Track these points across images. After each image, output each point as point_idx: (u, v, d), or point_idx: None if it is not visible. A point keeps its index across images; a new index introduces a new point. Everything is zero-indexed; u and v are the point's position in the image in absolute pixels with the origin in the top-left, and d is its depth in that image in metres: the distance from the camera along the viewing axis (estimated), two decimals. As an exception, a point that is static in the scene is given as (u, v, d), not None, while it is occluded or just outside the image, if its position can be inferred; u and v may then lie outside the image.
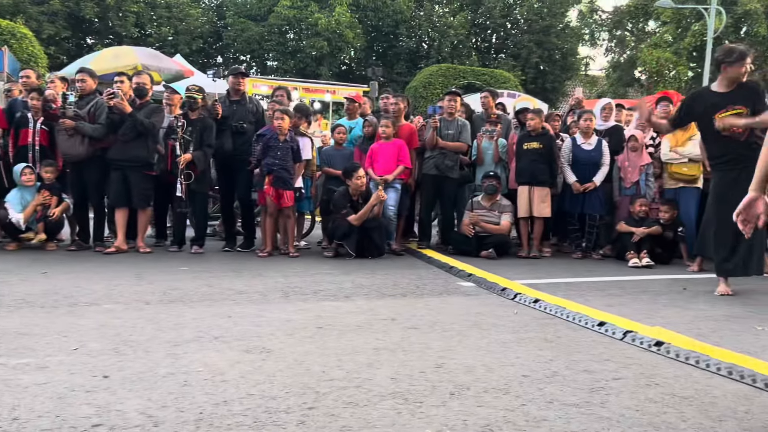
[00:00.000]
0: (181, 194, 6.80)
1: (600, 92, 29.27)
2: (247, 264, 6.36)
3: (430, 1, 26.37)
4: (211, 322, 3.95)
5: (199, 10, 24.60)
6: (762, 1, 22.78)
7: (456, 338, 3.71)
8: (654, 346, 3.61)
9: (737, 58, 5.21)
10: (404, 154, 7.20)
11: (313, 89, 15.72)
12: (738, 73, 5.24)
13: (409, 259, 7.09)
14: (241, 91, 7.23)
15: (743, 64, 5.20)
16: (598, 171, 7.17)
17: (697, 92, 5.73)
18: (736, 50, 5.28)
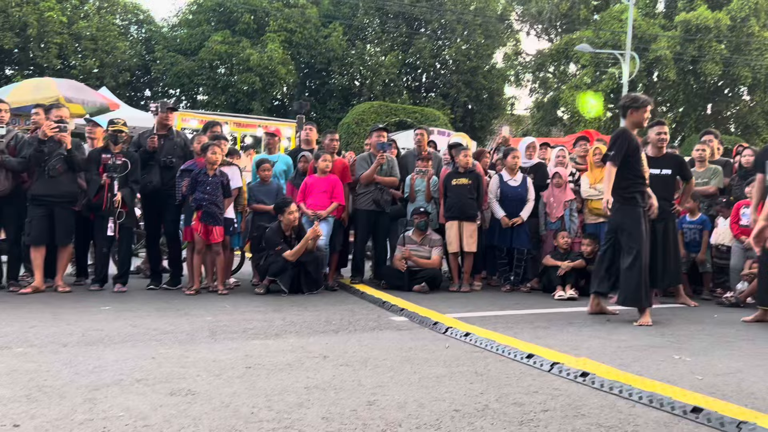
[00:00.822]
0: (114, 233, 6.56)
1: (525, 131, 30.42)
2: (173, 302, 6.15)
3: (362, 40, 26.86)
4: (133, 363, 3.78)
5: (127, 43, 24.12)
6: (671, 48, 24.40)
7: (388, 374, 3.69)
8: (580, 377, 3.71)
9: (641, 104, 5.69)
10: (338, 191, 7.21)
11: (244, 124, 15.60)
12: (641, 118, 5.73)
13: (342, 294, 7.05)
14: (168, 126, 7.09)
15: (646, 110, 5.70)
16: (524, 206, 7.39)
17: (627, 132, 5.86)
18: (641, 97, 5.80)
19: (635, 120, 5.76)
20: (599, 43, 25.04)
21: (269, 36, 23.99)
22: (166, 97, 25.50)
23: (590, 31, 26.07)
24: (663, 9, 27.75)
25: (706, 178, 7.49)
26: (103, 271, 6.83)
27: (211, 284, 6.92)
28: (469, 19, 27.23)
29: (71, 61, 22.49)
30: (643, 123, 5.81)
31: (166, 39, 25.25)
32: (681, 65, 24.83)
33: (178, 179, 6.78)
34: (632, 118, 5.77)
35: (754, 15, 24.08)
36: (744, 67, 24.50)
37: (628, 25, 20.95)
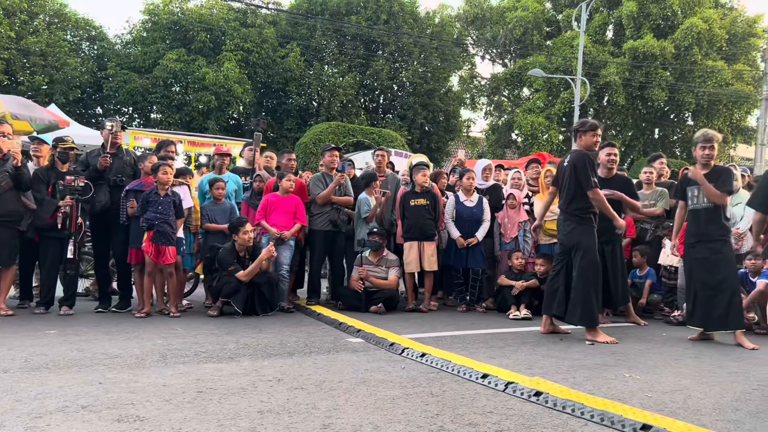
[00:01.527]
0: (74, 255, 6.36)
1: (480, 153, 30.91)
2: (123, 325, 5.97)
3: (320, 61, 26.94)
4: (79, 389, 3.65)
5: (78, 59, 23.61)
6: (620, 74, 25.26)
7: (343, 397, 3.65)
8: (534, 396, 3.74)
9: (589, 128, 5.91)
10: (301, 211, 7.18)
11: (198, 143, 15.41)
12: (591, 142, 5.94)
13: (298, 316, 6.97)
14: (117, 144, 6.93)
15: (595, 134, 5.91)
16: (480, 227, 7.48)
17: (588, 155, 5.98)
18: (589, 122, 6.02)
19: (585, 144, 5.96)
20: (551, 68, 25.74)
21: (226, 55, 23.84)
22: (119, 114, 24.98)
23: (543, 56, 26.79)
24: (612, 36, 28.72)
25: (653, 200, 7.72)
26: (49, 294, 6.60)
27: (163, 307, 6.76)
28: (425, 43, 27.64)
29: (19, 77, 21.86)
30: (593, 146, 6.00)
31: (119, 56, 24.80)
32: (629, 91, 25.69)
33: (123, 199, 6.62)
34: (581, 142, 5.98)
35: (696, 44, 25.15)
36: (688, 93, 25.51)
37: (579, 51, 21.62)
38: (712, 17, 25.65)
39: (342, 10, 26.79)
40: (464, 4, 31.02)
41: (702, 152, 5.94)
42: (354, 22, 26.24)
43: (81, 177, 6.43)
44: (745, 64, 26.49)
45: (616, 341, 5.65)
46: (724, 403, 3.74)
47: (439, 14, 30.20)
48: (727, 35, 25.97)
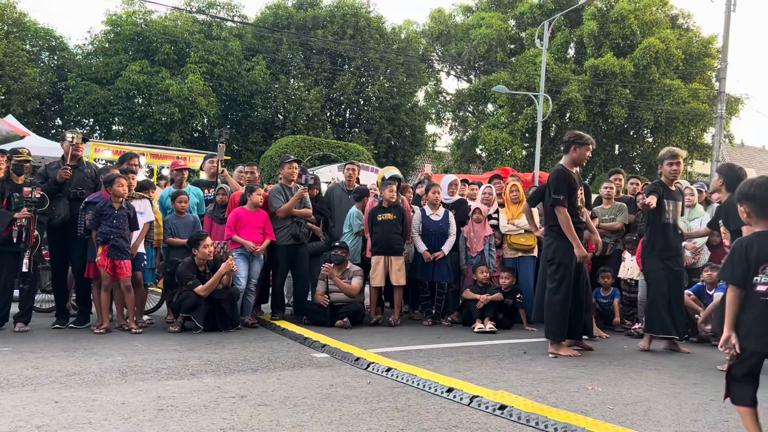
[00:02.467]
0: (28, 269, 6.17)
1: (446, 167, 31.16)
2: (81, 342, 5.81)
3: (286, 74, 26.90)
4: (33, 409, 3.53)
5: (37, 69, 23.10)
6: (581, 91, 25.83)
7: (308, 413, 3.61)
8: (498, 410, 3.76)
9: (586, 142, 5.98)
10: (269, 226, 7.11)
11: (161, 155, 15.19)
12: (584, 156, 5.99)
13: (262, 331, 6.88)
14: (78, 156, 6.78)
15: (589, 148, 5.99)
16: (446, 241, 7.52)
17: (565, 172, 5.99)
18: (586, 135, 6.09)
19: (577, 157, 5.96)
20: (515, 84, 26.18)
21: (190, 67, 23.61)
22: (79, 126, 24.47)
23: (506, 73, 27.23)
24: (573, 54, 29.39)
25: (613, 215, 7.88)
26: (3, 310, 6.38)
27: (123, 322, 6.60)
28: (391, 58, 27.86)
29: (-25, 86, 21.29)
30: (584, 161, 6.05)
31: (80, 67, 24.34)
32: (590, 107, 26.27)
33: (81, 212, 6.47)
34: (574, 154, 5.95)
35: (654, 63, 25.90)
36: (647, 110, 26.22)
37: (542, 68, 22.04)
38: (669, 37, 26.46)
39: (308, 24, 26.85)
40: (429, 20, 31.41)
41: (670, 168, 6.11)
42: (320, 36, 26.30)
43: (38, 189, 6.26)
44: (701, 83, 27.36)
45: (578, 354, 5.73)
46: (683, 414, 3.81)
47: (404, 30, 30.51)
48: (683, 55, 26.81)
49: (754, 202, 3.12)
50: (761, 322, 2.96)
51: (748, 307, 3.02)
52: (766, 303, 2.96)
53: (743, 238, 3.19)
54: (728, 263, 3.11)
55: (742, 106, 27.66)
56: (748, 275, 3.02)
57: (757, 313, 2.98)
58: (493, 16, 28.80)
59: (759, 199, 3.11)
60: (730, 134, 29.88)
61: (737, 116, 27.88)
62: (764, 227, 3.10)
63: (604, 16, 27.17)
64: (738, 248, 3.09)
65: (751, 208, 3.13)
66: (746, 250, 3.04)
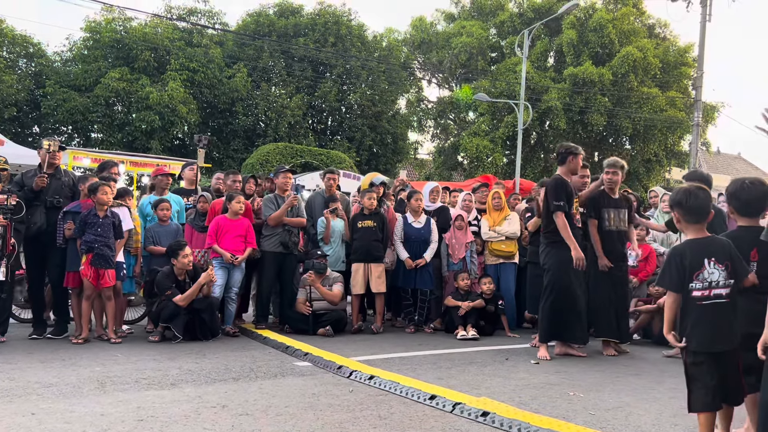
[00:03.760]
0: (5, 278, 6.06)
1: (428, 174, 31.23)
2: (59, 352, 5.72)
3: (267, 82, 26.83)
4: (9, 421, 3.47)
5: (15, 76, 22.79)
6: (561, 99, 26.09)
7: (290, 422, 3.59)
8: (481, 416, 3.77)
9: (579, 152, 6.22)
10: (251, 234, 7.07)
11: (141, 163, 15.04)
12: (578, 165, 6.21)
13: (244, 340, 6.83)
14: (56, 165, 6.70)
15: (581, 157, 6.25)
16: (428, 248, 7.54)
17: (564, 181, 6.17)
18: (577, 147, 6.32)
19: (572, 167, 6.19)
20: (496, 92, 26.36)
21: (170, 74, 23.44)
22: (57, 133, 24.15)
23: (487, 81, 27.42)
24: (553, 63, 29.69)
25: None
26: (-22, 321, 6.27)
27: (102, 332, 6.51)
28: (373, 66, 27.92)
29: (-50, 93, 20.94)
30: (578, 169, 6.27)
31: (59, 74, 24.05)
32: (570, 115, 26.53)
33: (60, 221, 6.39)
34: (571, 165, 6.18)
35: (632, 72, 26.24)
36: (625, 118, 26.54)
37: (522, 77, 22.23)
38: (647, 46, 26.83)
39: (290, 31, 26.82)
40: (411, 28, 31.55)
41: (607, 177, 6.32)
42: (302, 43, 26.30)
43: (13, 196, 6.17)
44: (678, 91, 27.75)
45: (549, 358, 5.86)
46: (663, 419, 3.85)
47: (386, 38, 30.61)
48: (660, 63, 27.19)
49: (682, 209, 3.25)
50: (703, 324, 3.11)
51: (686, 313, 3.17)
52: (702, 307, 3.12)
53: (677, 246, 3.36)
54: (666, 271, 3.25)
55: (719, 114, 28.06)
56: (684, 282, 3.15)
57: (695, 318, 3.14)
58: (474, 25, 29.00)
59: (686, 206, 3.24)
60: (707, 142, 30.32)
61: (713, 124, 28.27)
62: (694, 234, 3.24)
63: (582, 25, 27.49)
64: (673, 256, 3.24)
65: (681, 214, 3.27)
66: (680, 258, 3.19)
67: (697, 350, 3.12)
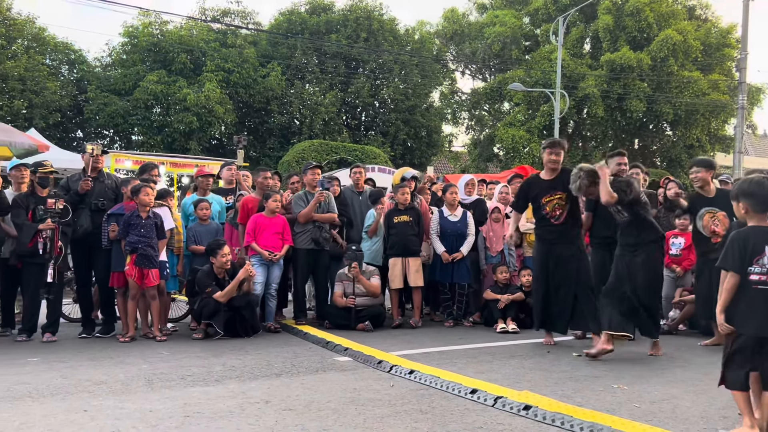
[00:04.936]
0: (53, 279, 6.28)
1: (463, 167, 31.06)
2: (107, 351, 5.89)
3: (301, 80, 27.01)
4: (63, 418, 3.59)
5: (58, 83, 23.46)
6: (598, 86, 25.60)
7: (332, 417, 3.63)
8: (523, 410, 3.74)
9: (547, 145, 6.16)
10: (288, 232, 7.15)
11: (181, 164, 15.33)
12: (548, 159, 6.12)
13: (284, 336, 6.92)
14: (99, 168, 6.89)
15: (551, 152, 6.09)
16: (465, 241, 7.50)
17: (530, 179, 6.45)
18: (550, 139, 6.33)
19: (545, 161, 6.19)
20: (531, 82, 26.01)
21: (206, 75, 23.82)
22: (99, 137, 24.80)
23: (522, 70, 27.07)
24: (589, 50, 29.13)
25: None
26: (31, 321, 6.50)
27: (148, 330, 6.68)
28: (405, 60, 27.84)
29: (-2, 102, 21.67)
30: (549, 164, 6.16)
31: (99, 79, 24.68)
32: (608, 102, 26.02)
33: (105, 223, 6.57)
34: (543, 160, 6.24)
35: (672, 56, 25.57)
36: (666, 104, 25.89)
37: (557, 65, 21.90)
38: (687, 29, 26.13)
39: (322, 29, 26.94)
40: (443, 20, 31.33)
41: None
42: (334, 40, 26.39)
43: (60, 200, 6.37)
44: (721, 73, 26.95)
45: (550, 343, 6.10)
46: (711, 411, 3.77)
47: (418, 31, 30.47)
48: (701, 46, 26.44)
49: (752, 198, 3.41)
50: (755, 308, 3.28)
51: (743, 295, 3.34)
52: (758, 291, 3.29)
53: (741, 230, 3.48)
54: (728, 253, 3.41)
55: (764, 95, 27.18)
56: (744, 265, 3.34)
57: (750, 300, 3.30)
58: (507, 14, 28.64)
59: (756, 196, 3.40)
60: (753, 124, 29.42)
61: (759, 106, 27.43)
62: (758, 222, 3.42)
63: (619, 9, 26.88)
64: (737, 240, 3.40)
65: (749, 204, 3.43)
66: (744, 242, 3.37)
67: (746, 333, 3.27)
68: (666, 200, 7.86)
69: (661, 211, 7.69)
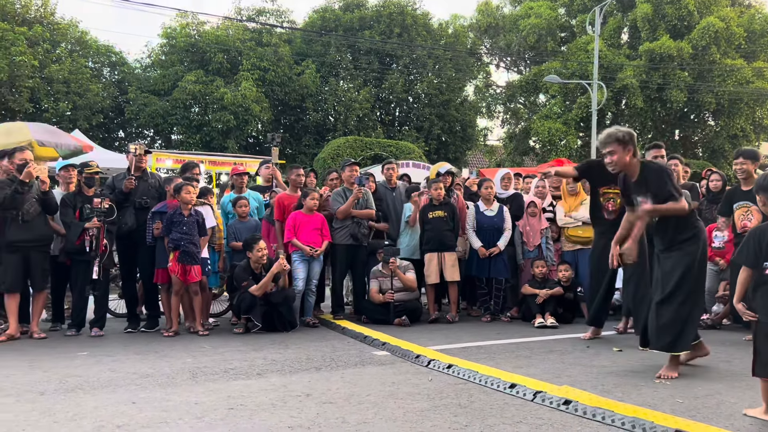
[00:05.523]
0: (98, 276, 6.49)
1: (499, 161, 30.82)
2: (152, 345, 6.06)
3: (335, 76, 27.16)
4: (113, 409, 3.72)
5: (100, 85, 24.06)
6: (637, 76, 25.08)
7: (372, 410, 3.68)
8: (563, 405, 3.73)
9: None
10: (326, 228, 7.25)
11: (219, 162, 15.59)
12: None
13: (323, 330, 7.01)
14: (142, 167, 7.08)
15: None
16: (502, 236, 7.48)
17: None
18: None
19: None
20: (567, 73, 25.64)
21: (243, 75, 24.14)
22: (140, 137, 25.38)
23: (558, 62, 26.70)
24: (627, 39, 28.56)
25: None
26: (80, 316, 6.73)
27: (191, 325, 6.85)
28: (439, 54, 27.74)
29: (43, 104, 22.33)
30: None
31: (139, 80, 25.25)
32: (647, 93, 25.47)
33: (149, 221, 6.75)
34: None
35: (714, 43, 24.89)
36: (708, 93, 25.23)
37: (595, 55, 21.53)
38: (729, 15, 25.40)
39: (355, 25, 27.02)
40: (477, 13, 31.08)
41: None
42: (368, 36, 26.45)
43: (106, 199, 6.57)
44: (765, 61, 26.13)
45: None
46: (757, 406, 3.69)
47: (452, 25, 30.31)
48: (745, 33, 25.65)
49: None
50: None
51: (759, 287, 3.46)
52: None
53: (758, 226, 3.59)
54: (744, 248, 3.55)
55: (812, 82, 26.26)
56: (759, 260, 3.45)
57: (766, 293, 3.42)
58: (542, 5, 28.26)
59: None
60: (800, 113, 28.42)
61: (807, 94, 26.49)
62: None
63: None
64: (753, 235, 3.53)
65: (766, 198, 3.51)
66: (759, 238, 3.48)
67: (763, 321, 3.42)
68: (708, 192, 7.71)
69: (703, 203, 7.54)
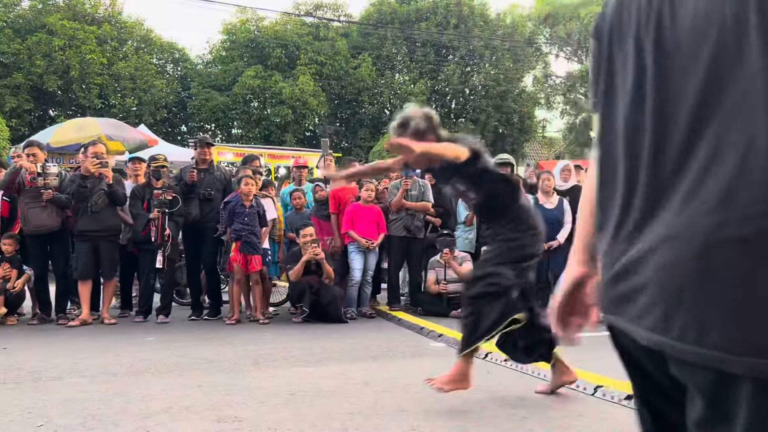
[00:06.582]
0: (162, 266, 6.75)
1: (558, 153, 30.23)
2: (216, 332, 6.26)
3: (391, 69, 27.22)
4: (180, 392, 3.87)
5: (164, 81, 24.87)
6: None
7: (429, 400, 3.70)
8: (625, 399, 3.66)
9: None
10: (382, 221, 7.31)
11: (278, 155, 15.89)
12: None
13: (379, 321, 7.08)
14: (208, 160, 7.30)
15: None
16: (561, 229, 7.35)
17: None
18: None
19: None
20: (630, 62, 24.88)
21: (300, 69, 24.48)
22: (202, 131, 26.09)
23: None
24: (694, 26, 27.50)
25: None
26: (147, 303, 7.00)
27: (253, 313, 7.03)
28: (497, 45, 27.39)
29: (111, 100, 23.26)
30: None
31: (201, 76, 25.96)
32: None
33: (222, 211, 6.94)
34: None
35: None
36: None
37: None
38: None
39: (412, 17, 26.97)
40: (536, 3, 30.48)
41: None
42: (424, 28, 26.35)
43: (169, 191, 6.78)
44: None
45: None
46: None
47: (510, 15, 29.85)
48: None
49: None
50: None
51: None
52: None
53: None
54: None
55: None
56: None
57: None
58: (603, -7, 27.51)
59: None
60: None
61: None
62: None
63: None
64: None
65: None
66: None
67: None
68: None
69: None
